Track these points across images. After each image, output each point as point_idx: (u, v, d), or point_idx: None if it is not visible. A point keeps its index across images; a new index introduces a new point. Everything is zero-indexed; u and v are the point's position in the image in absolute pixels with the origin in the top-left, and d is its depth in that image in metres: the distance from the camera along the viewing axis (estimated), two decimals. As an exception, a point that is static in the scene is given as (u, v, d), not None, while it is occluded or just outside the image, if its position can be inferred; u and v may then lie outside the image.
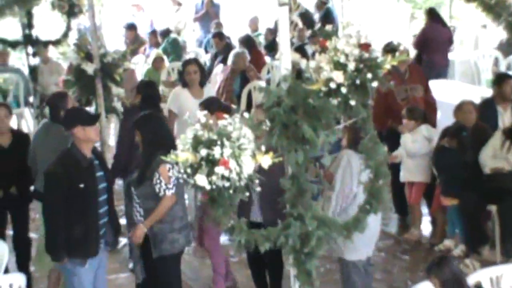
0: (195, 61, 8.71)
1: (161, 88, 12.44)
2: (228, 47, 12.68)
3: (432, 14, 12.23)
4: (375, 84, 4.01)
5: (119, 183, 8.09)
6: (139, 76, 12.83)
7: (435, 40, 11.84)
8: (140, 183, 5.83)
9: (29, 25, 10.68)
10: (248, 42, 12.34)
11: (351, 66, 3.96)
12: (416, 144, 7.89)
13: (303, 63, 4.13)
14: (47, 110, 6.75)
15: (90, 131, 5.54)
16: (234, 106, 6.64)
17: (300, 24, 13.27)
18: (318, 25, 13.95)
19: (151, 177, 5.77)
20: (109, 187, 5.79)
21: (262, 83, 10.02)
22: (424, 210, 8.33)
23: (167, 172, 5.71)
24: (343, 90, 3.96)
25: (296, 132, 3.90)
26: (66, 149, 5.58)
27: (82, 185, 5.43)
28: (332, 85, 3.96)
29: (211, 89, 8.70)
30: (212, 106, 6.55)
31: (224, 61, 11.88)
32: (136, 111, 7.24)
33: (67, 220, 5.43)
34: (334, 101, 3.98)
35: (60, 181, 5.45)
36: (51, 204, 5.55)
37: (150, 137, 5.87)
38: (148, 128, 5.93)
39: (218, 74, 11.64)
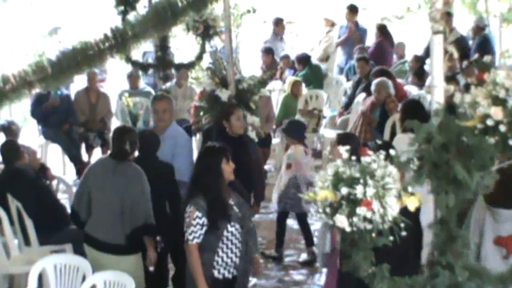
0: None
1: (298, 116, 12.54)
2: (373, 74, 12.63)
3: None
4: (539, 122, 3.91)
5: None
6: (276, 103, 12.99)
7: None
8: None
9: (162, 47, 10.99)
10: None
11: (512, 101, 3.89)
12: None
13: (457, 97, 4.07)
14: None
15: None
16: (378, 142, 6.57)
17: (456, 55, 13.08)
18: (473, 54, 13.65)
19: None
20: None
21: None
22: None
23: None
24: (502, 128, 3.88)
25: (447, 172, 3.83)
26: None
27: None
28: (490, 122, 3.88)
29: None
30: (352, 141, 6.49)
31: (366, 89, 11.85)
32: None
33: None
34: (491, 140, 3.90)
35: None
36: None
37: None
38: None
39: (360, 103, 11.62)
